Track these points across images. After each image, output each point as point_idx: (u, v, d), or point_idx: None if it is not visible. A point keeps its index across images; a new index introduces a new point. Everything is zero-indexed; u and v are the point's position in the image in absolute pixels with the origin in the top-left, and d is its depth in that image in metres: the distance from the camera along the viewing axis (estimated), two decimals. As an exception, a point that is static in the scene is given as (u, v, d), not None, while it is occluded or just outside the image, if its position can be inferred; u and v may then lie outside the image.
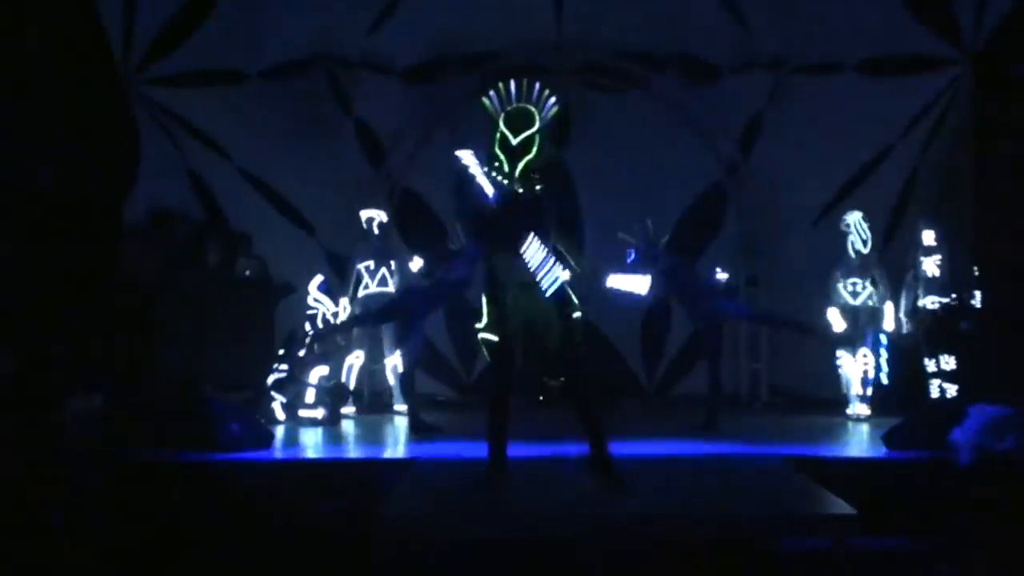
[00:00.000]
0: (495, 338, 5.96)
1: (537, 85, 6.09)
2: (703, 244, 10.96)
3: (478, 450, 6.26)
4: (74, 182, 9.45)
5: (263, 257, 10.33)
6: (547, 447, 7.39)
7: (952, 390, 8.85)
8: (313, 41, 10.62)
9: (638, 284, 7.52)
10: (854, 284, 9.38)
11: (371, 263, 9.98)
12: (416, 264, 9.56)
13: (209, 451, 6.97)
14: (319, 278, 9.49)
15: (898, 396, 9.30)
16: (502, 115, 6.04)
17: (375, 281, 9.96)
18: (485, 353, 6.10)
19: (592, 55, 11.12)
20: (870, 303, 9.35)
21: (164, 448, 6.98)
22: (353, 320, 9.66)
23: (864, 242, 9.38)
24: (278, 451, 7.55)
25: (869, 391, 9.29)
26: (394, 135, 11.22)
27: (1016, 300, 8.53)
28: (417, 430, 8.70)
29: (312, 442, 8.14)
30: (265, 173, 10.85)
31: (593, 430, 5.88)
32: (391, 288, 9.93)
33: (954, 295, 9.18)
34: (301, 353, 9.27)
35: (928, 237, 9.40)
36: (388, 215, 10.22)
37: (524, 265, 5.81)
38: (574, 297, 5.95)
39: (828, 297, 9.43)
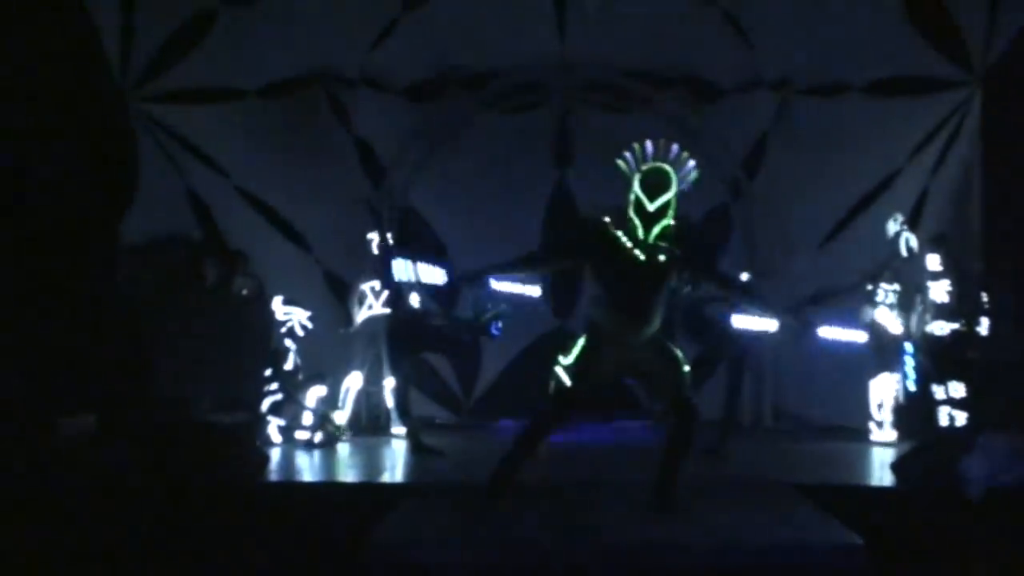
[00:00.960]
0: (568, 383, 5.85)
1: (675, 146, 6.01)
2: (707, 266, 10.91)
3: (478, 475, 6.21)
4: (71, 199, 9.45)
5: (260, 276, 10.30)
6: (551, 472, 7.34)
7: (961, 418, 8.80)
8: (313, 59, 10.62)
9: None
10: (896, 292, 9.35)
11: (376, 283, 9.97)
12: (415, 300, 9.60)
13: (203, 473, 6.92)
14: (279, 297, 9.58)
15: (908, 423, 9.29)
16: (637, 176, 5.95)
17: (380, 302, 9.94)
18: (552, 385, 5.97)
19: (596, 74, 11.12)
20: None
21: (157, 470, 6.93)
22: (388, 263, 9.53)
23: (900, 237, 9.39)
24: (273, 474, 7.50)
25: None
26: (395, 154, 11.21)
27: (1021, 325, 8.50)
28: (418, 452, 8.69)
29: (308, 465, 8.10)
30: (263, 191, 10.83)
31: (669, 469, 5.89)
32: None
33: (963, 321, 9.13)
34: (288, 366, 9.26)
35: (933, 262, 9.36)
36: (392, 237, 10.20)
37: (647, 325, 5.78)
38: (678, 351, 5.95)
39: (873, 301, 9.38)
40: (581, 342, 5.91)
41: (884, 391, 9.41)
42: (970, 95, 10.05)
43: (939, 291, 9.27)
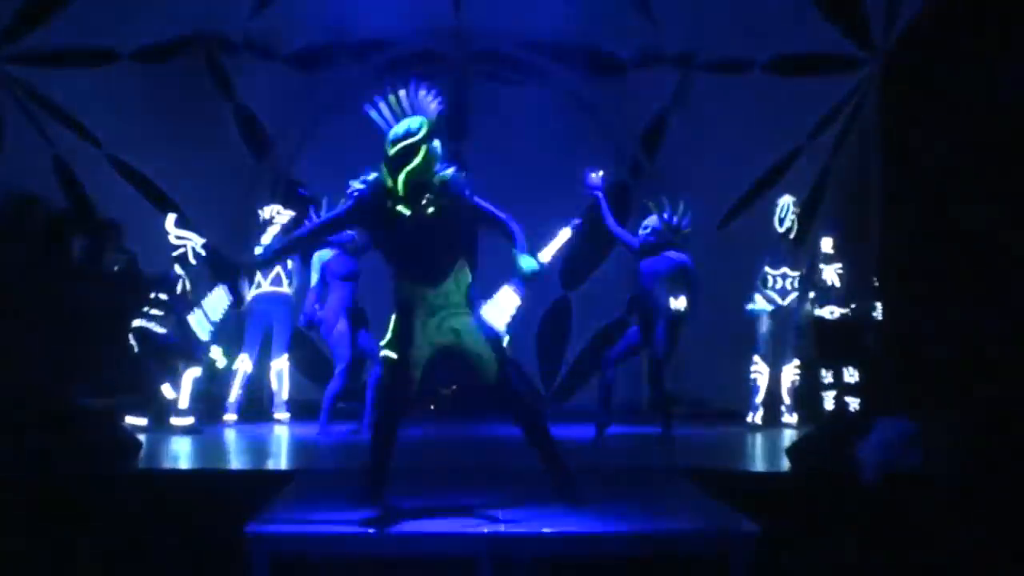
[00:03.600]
0: (395, 356, 5.80)
1: (424, 89, 5.91)
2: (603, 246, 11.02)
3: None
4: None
5: (134, 251, 10.08)
6: (436, 459, 7.35)
7: (855, 403, 9.04)
8: (193, 20, 10.41)
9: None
10: (783, 277, 9.53)
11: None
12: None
13: (66, 461, 6.77)
14: (172, 216, 9.28)
15: (797, 408, 9.54)
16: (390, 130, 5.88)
17: (268, 280, 9.83)
18: (386, 371, 5.95)
19: (492, 44, 11.13)
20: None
21: (15, 457, 6.75)
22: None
23: (781, 222, 9.56)
24: (144, 461, 7.37)
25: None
26: (279, 124, 11.08)
27: (918, 310, 8.73)
28: (324, 433, 8.81)
29: (184, 451, 7.98)
30: (138, 161, 10.62)
31: (548, 456, 5.79)
32: (285, 288, 9.82)
33: (853, 305, 9.34)
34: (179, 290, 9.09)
35: (826, 244, 9.55)
36: (283, 211, 10.03)
37: (437, 279, 5.72)
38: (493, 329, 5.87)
39: (755, 286, 9.59)
40: (393, 317, 5.89)
41: (763, 380, 9.65)
42: (871, 74, 10.28)
43: (830, 274, 9.46)
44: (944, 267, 8.51)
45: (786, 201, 9.71)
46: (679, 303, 8.79)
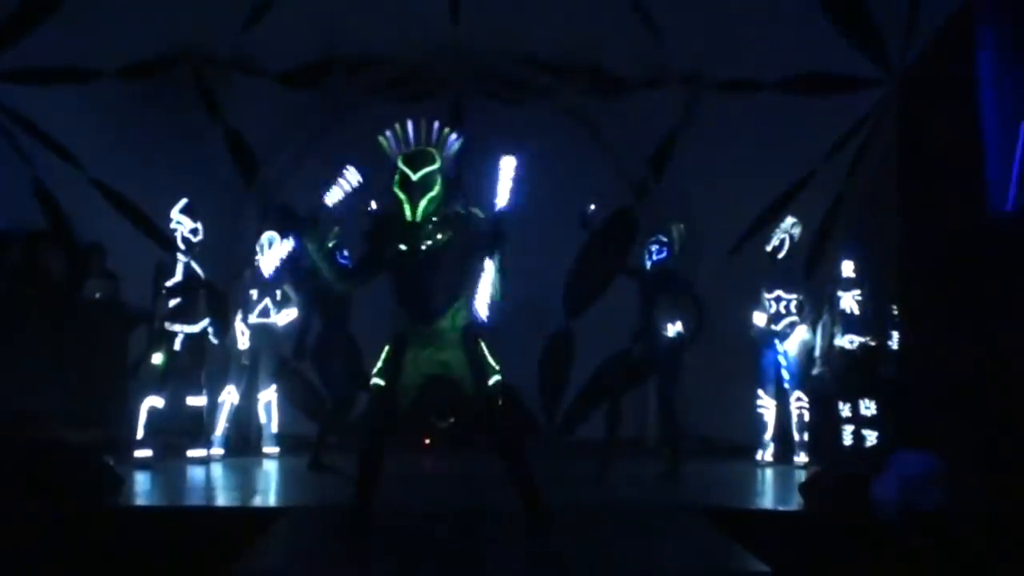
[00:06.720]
0: (382, 384, 5.90)
1: (436, 124, 6.09)
2: (609, 272, 11.03)
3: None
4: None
5: (115, 276, 10.10)
6: (428, 494, 7.35)
7: (872, 437, 9.02)
8: (179, 37, 10.46)
9: None
10: (777, 301, 9.54)
11: (254, 291, 9.80)
12: None
13: (45, 498, 6.77)
14: (183, 201, 9.22)
15: (813, 443, 9.50)
16: (400, 155, 5.99)
17: (256, 311, 9.79)
18: (372, 399, 6.01)
19: (492, 62, 11.17)
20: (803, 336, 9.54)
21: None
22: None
23: (791, 238, 9.60)
24: (128, 497, 7.37)
25: (805, 436, 9.51)
26: (269, 145, 11.10)
27: (939, 339, 8.72)
28: (315, 467, 8.78)
29: (168, 487, 7.98)
30: (121, 184, 10.64)
31: (526, 492, 5.90)
32: (274, 319, 9.80)
33: (874, 334, 9.32)
34: (177, 278, 9.10)
35: (847, 268, 9.56)
36: (273, 236, 10.02)
37: (434, 317, 5.85)
38: (491, 359, 5.95)
39: (757, 303, 9.65)
40: (386, 347, 5.99)
41: (770, 414, 9.64)
42: (888, 95, 10.30)
43: (849, 301, 9.44)
44: (966, 293, 8.52)
45: (788, 220, 9.75)
46: (676, 327, 8.81)
